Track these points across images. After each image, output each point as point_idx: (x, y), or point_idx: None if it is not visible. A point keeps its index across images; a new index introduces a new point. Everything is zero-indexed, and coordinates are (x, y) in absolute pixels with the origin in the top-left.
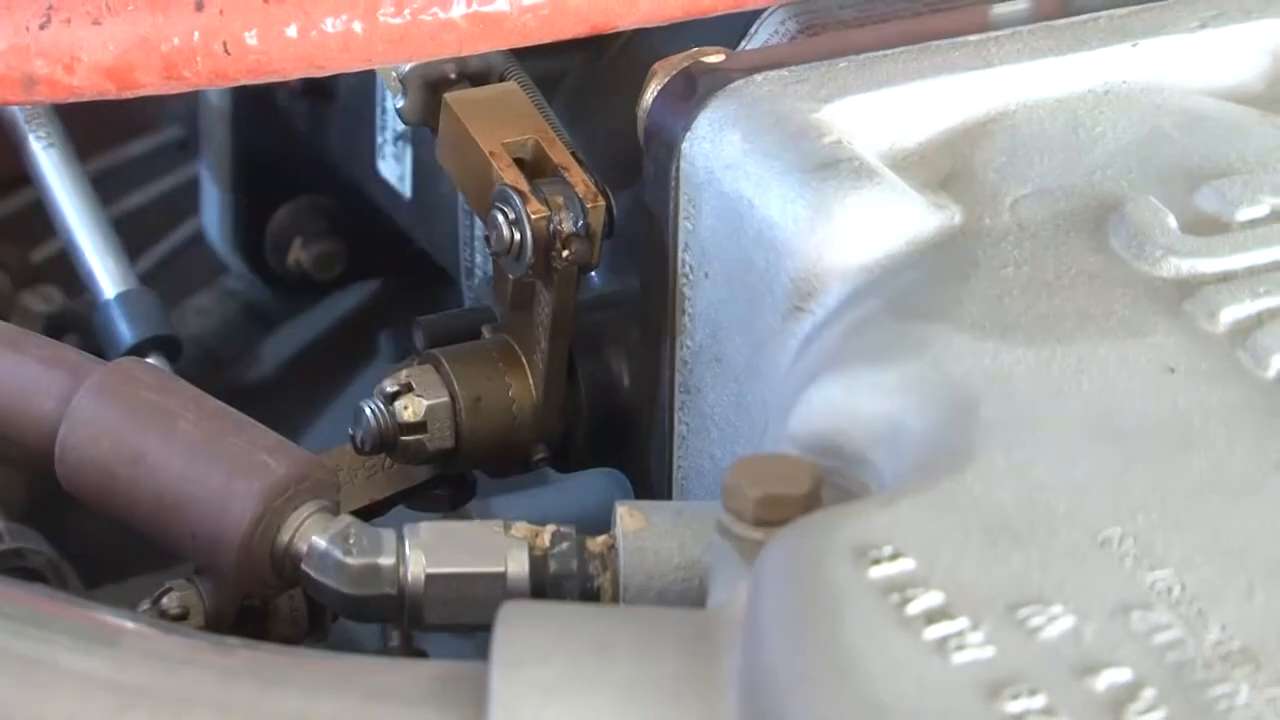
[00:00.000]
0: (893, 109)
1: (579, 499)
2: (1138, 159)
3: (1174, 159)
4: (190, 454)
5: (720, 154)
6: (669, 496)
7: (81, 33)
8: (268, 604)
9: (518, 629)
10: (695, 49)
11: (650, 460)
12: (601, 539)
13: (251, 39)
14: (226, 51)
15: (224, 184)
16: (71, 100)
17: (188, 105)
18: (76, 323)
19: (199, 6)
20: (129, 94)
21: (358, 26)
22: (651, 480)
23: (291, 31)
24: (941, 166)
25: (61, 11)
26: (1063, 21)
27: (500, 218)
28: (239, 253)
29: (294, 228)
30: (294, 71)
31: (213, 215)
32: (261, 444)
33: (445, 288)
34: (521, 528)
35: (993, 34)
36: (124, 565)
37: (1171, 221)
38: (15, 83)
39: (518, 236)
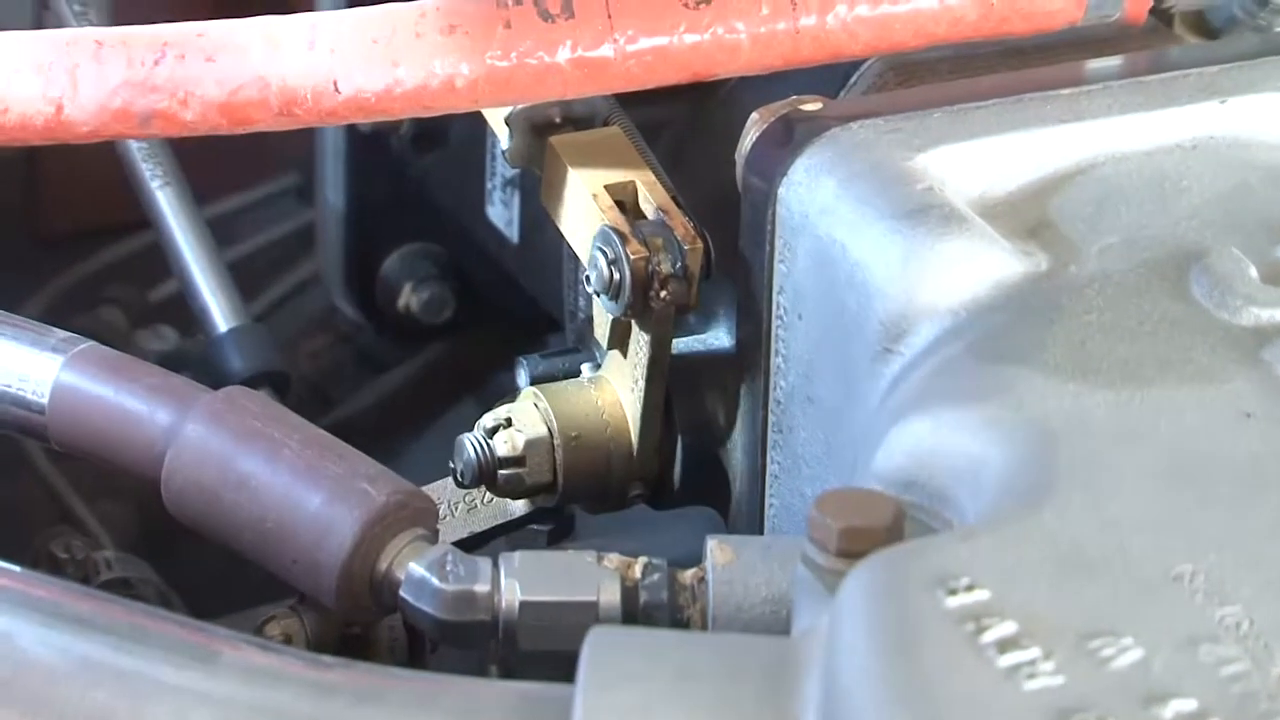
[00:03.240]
0: (984, 159)
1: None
2: (1222, 212)
3: (1258, 212)
4: (293, 480)
5: (815, 199)
6: (760, 533)
7: (196, 69)
8: (368, 633)
9: (605, 652)
10: (794, 97)
11: (742, 498)
12: (691, 571)
13: (361, 79)
14: (336, 90)
15: (338, 229)
16: (185, 135)
17: (305, 152)
18: (190, 361)
19: (310, 45)
20: (241, 130)
21: (465, 68)
22: (743, 517)
23: (400, 72)
24: (1030, 215)
25: (176, 48)
26: (1153, 78)
27: (600, 257)
28: (351, 297)
29: (405, 273)
30: (402, 111)
31: (326, 260)
32: (363, 472)
33: (552, 333)
34: (614, 559)
35: (1084, 88)
36: (232, 598)
37: (1252, 272)
38: (131, 117)
39: (617, 276)
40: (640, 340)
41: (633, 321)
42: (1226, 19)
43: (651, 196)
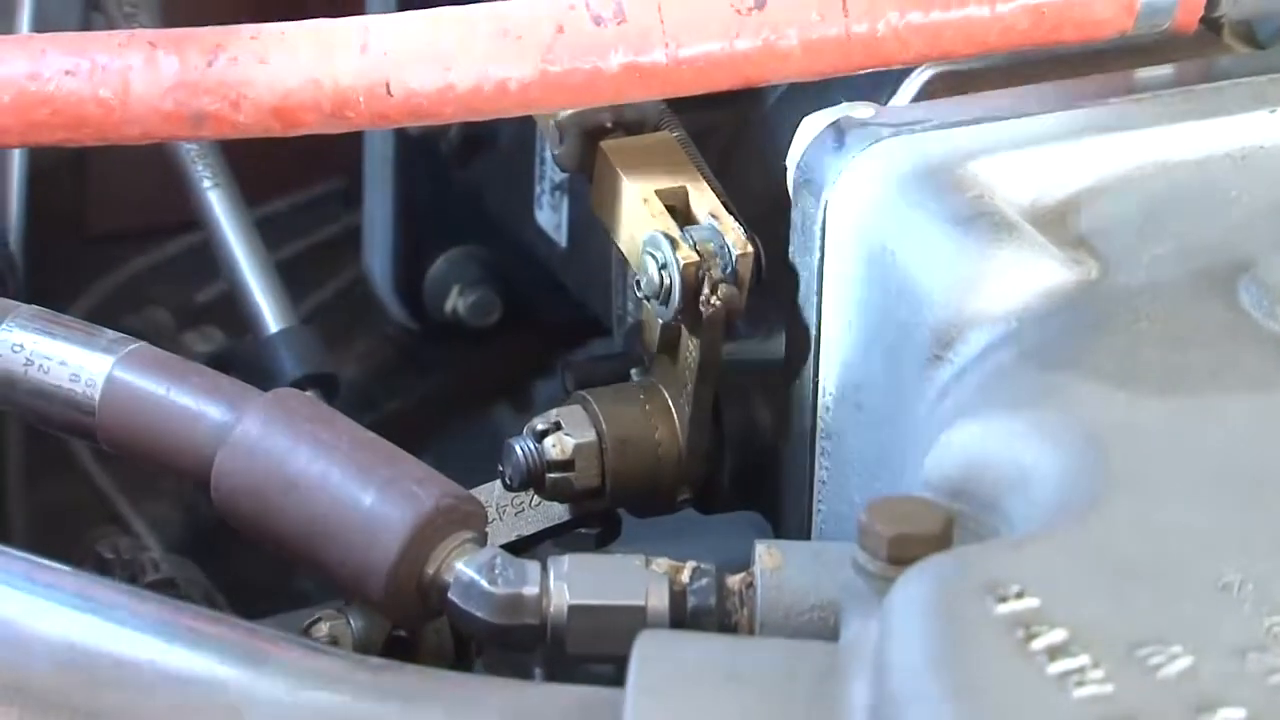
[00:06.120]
0: (1035, 167)
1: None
2: (1271, 221)
3: None
4: (342, 483)
5: (865, 206)
6: (809, 539)
7: (248, 71)
8: (415, 635)
9: (654, 657)
10: (845, 104)
11: (791, 504)
12: (740, 576)
13: (414, 82)
14: (389, 93)
15: (385, 232)
16: (237, 137)
17: (351, 156)
18: (237, 362)
19: (363, 48)
20: (293, 132)
21: (517, 72)
22: (791, 523)
23: (453, 75)
24: (1080, 224)
25: (229, 50)
26: (1203, 87)
27: (651, 262)
28: (399, 299)
29: (452, 276)
30: (454, 115)
31: (374, 262)
32: (412, 475)
33: (598, 338)
34: (662, 563)
35: (1134, 98)
36: (278, 599)
37: None
38: (183, 119)
39: (667, 281)
40: (690, 345)
41: (682, 327)
42: (1274, 30)
43: (702, 202)
